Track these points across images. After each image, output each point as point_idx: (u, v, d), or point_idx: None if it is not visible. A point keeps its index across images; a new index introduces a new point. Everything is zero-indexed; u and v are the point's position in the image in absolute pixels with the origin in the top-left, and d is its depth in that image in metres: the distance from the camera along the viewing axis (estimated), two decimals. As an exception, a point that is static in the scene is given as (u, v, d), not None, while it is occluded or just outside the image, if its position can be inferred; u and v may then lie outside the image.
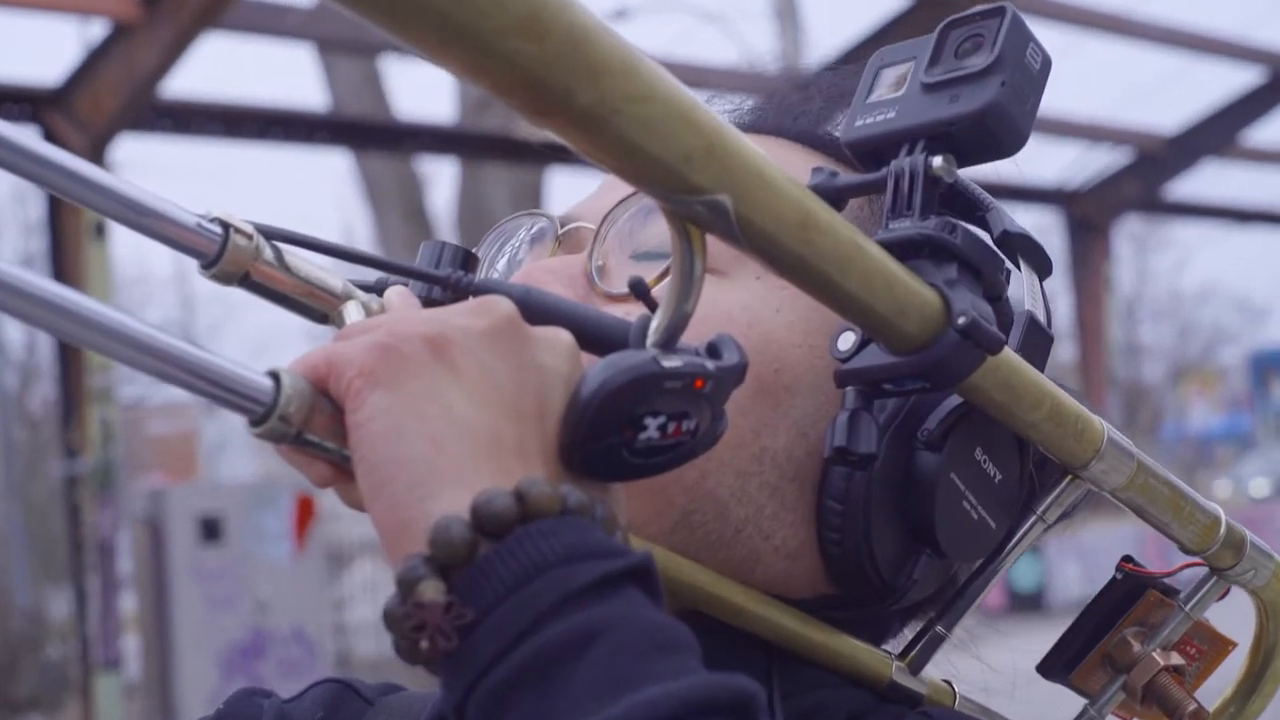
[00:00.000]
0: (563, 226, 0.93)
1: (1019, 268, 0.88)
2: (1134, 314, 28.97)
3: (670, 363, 0.67)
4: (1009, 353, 0.79)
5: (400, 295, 0.76)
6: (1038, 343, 0.86)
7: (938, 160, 0.76)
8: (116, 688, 8.71)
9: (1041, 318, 0.87)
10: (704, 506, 0.84)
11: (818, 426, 0.85)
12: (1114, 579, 0.95)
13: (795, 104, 0.98)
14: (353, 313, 0.76)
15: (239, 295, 0.78)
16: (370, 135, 10.96)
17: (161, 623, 9.48)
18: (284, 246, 0.75)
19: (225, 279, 0.74)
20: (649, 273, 0.87)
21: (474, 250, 0.82)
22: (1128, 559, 0.96)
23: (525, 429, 0.66)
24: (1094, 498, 0.90)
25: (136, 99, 8.00)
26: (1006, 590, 14.02)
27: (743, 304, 0.86)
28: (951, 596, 0.89)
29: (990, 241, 0.86)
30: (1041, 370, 0.86)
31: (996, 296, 0.78)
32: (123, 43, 7.82)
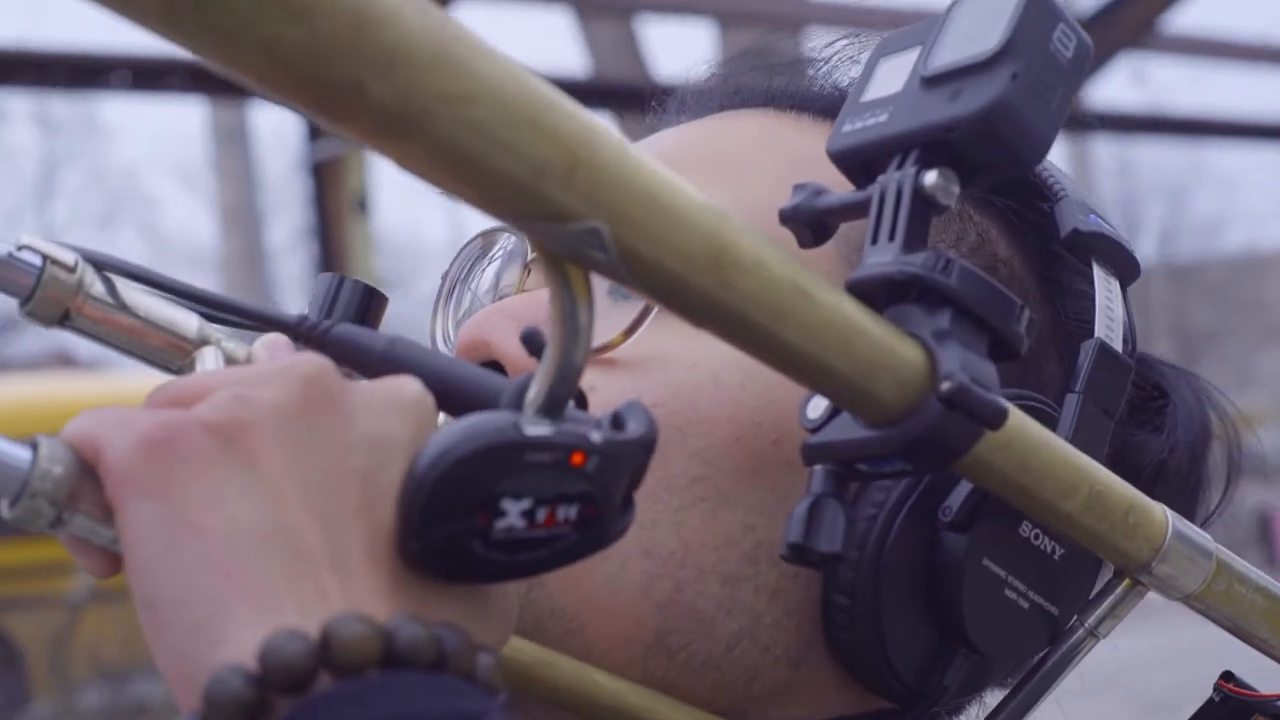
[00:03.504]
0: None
1: (1093, 272, 0.73)
2: None
3: (536, 430, 0.52)
4: (1026, 424, 0.61)
5: (269, 348, 0.62)
6: (1110, 378, 0.70)
7: (931, 176, 0.59)
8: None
9: (1118, 342, 0.70)
10: (683, 625, 0.68)
11: None
12: (1211, 700, 0.77)
13: (793, 62, 0.82)
14: (209, 363, 0.62)
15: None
16: (631, 98, 10.95)
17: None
18: (125, 280, 0.62)
19: (44, 319, 0.61)
20: (628, 315, 0.71)
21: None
22: (1227, 676, 0.77)
23: (345, 529, 0.50)
24: None
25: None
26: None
27: (733, 358, 0.70)
28: None
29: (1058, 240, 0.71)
30: (1116, 408, 0.69)
31: (1009, 353, 0.60)
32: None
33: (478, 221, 0.67)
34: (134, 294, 0.62)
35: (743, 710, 0.70)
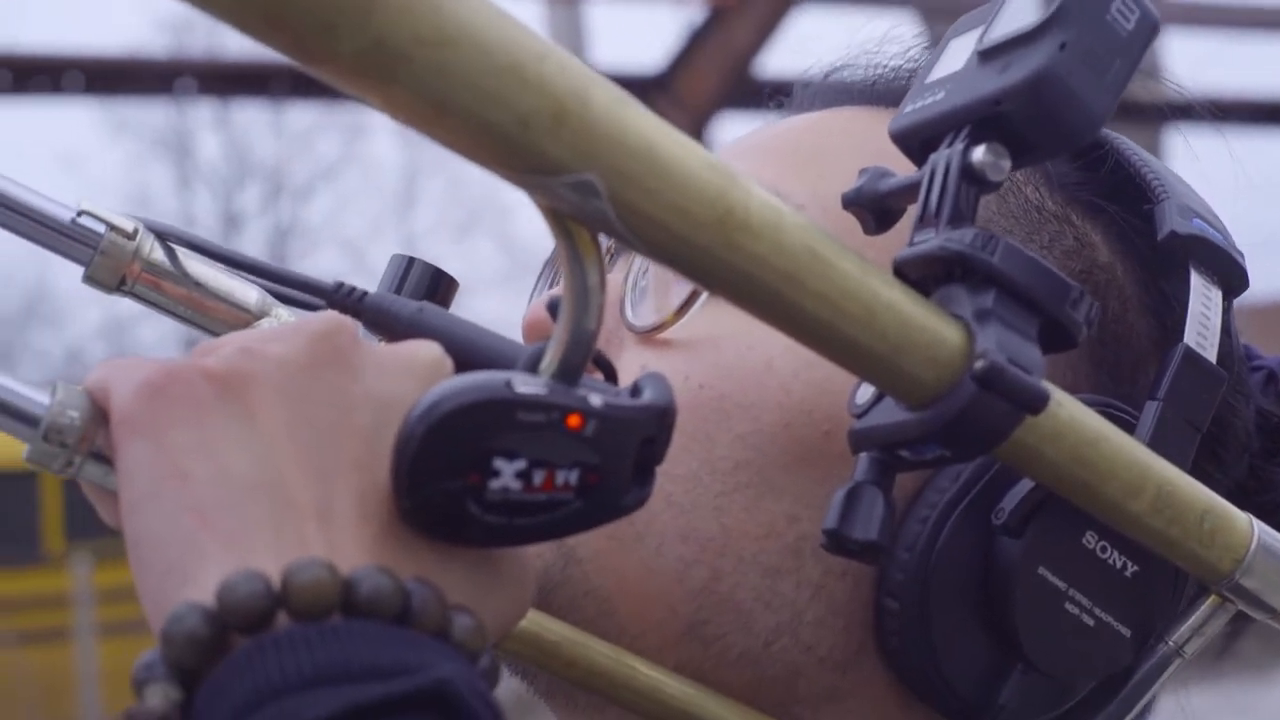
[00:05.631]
0: None
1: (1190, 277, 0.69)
2: None
3: (528, 388, 0.51)
4: (1082, 415, 0.58)
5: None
6: (1197, 388, 0.66)
7: (979, 151, 0.57)
8: None
9: (1211, 352, 0.66)
10: (719, 616, 0.66)
11: None
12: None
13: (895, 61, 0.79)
14: None
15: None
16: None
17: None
18: (186, 251, 0.64)
19: (103, 284, 0.63)
20: (685, 294, 0.70)
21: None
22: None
23: (338, 483, 0.50)
24: None
25: (734, 78, 8.13)
26: None
27: (790, 345, 0.67)
28: None
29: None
30: (1203, 421, 0.65)
31: (1065, 339, 0.57)
32: (719, 24, 8.03)
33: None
34: (195, 264, 0.64)
35: (791, 714, 0.67)
